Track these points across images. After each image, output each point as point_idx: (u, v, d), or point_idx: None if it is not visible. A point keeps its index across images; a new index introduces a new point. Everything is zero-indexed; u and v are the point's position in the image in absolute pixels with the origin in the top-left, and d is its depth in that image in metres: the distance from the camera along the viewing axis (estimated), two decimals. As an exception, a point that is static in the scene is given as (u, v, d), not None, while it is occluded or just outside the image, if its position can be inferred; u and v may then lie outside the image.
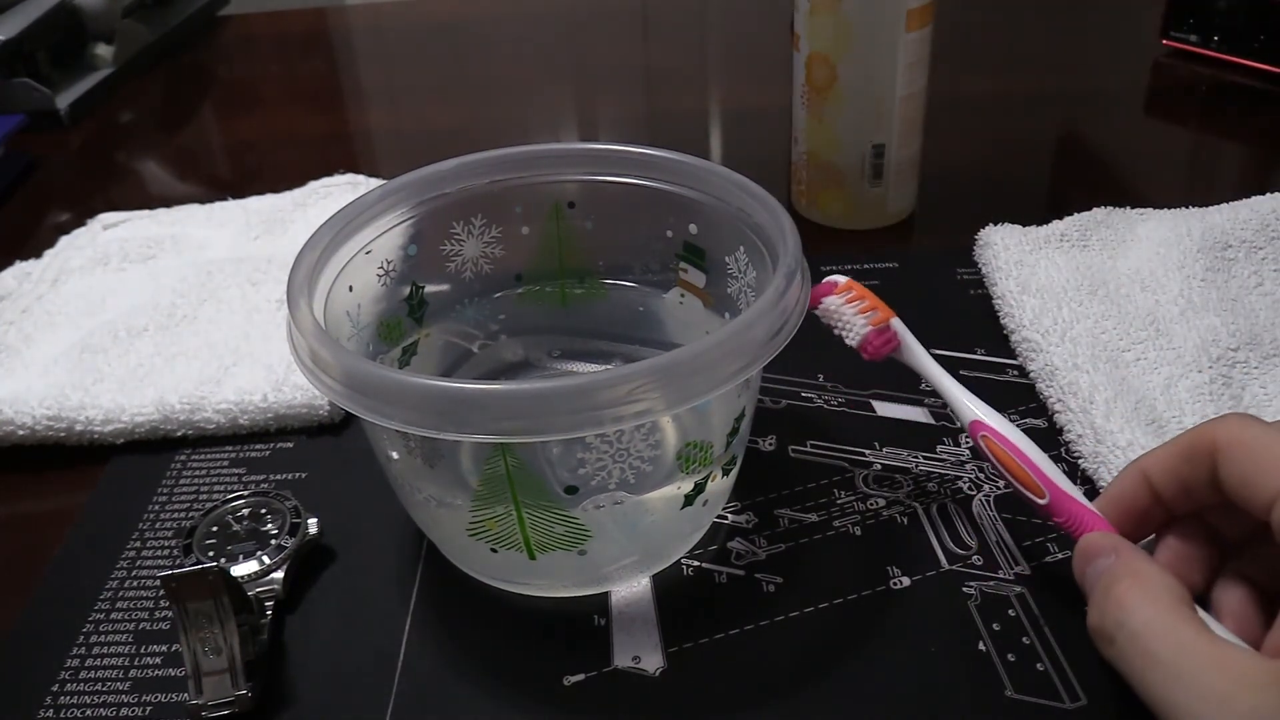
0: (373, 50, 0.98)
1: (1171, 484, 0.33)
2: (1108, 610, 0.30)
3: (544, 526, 0.34)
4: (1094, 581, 0.32)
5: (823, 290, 0.40)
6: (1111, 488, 0.35)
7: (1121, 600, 0.29)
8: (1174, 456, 0.33)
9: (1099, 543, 0.32)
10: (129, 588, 0.39)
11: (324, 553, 0.39)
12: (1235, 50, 0.74)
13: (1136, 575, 0.30)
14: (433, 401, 0.30)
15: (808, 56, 0.54)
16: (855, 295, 0.39)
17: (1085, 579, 0.32)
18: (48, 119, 0.78)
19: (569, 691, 0.34)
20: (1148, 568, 0.31)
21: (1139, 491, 0.34)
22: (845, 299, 0.39)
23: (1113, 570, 0.31)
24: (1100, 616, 0.30)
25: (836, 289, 0.40)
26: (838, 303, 0.40)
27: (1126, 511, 0.34)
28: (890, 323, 0.39)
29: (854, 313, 0.39)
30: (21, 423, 0.45)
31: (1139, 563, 0.31)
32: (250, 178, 0.70)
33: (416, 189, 0.40)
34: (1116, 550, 0.32)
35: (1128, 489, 0.34)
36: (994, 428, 0.36)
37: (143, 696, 0.35)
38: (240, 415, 0.45)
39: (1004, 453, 0.36)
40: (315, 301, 0.34)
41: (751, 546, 0.39)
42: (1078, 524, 0.34)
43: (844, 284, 0.40)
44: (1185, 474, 0.32)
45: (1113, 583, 0.30)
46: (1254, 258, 0.50)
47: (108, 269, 0.56)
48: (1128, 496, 0.34)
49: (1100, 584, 0.31)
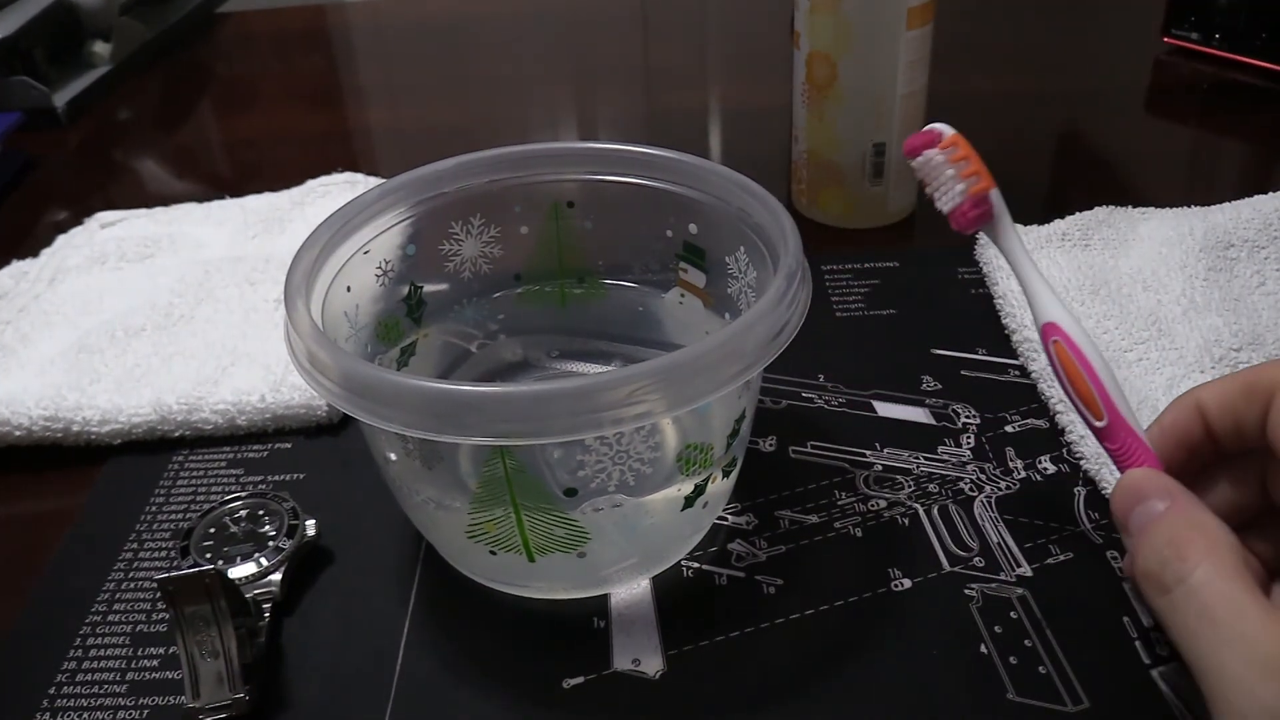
0: (372, 48, 0.98)
1: (1226, 419, 0.32)
2: (1169, 559, 0.28)
3: (543, 529, 0.33)
4: (1143, 524, 0.30)
5: (924, 139, 0.36)
6: (1164, 417, 0.33)
7: (1184, 552, 0.28)
8: (1232, 391, 0.32)
9: (1153, 483, 0.31)
10: (126, 590, 0.39)
11: (322, 554, 0.39)
12: (1237, 48, 0.74)
13: (1202, 529, 0.29)
14: (431, 403, 0.29)
15: (808, 55, 0.54)
16: (960, 154, 0.35)
17: (1131, 518, 0.31)
18: (45, 117, 0.78)
19: (568, 694, 0.34)
20: (1211, 521, 0.29)
21: (1192, 424, 0.32)
22: (949, 156, 0.35)
23: (1171, 518, 0.30)
24: (1159, 565, 0.29)
25: (941, 141, 0.36)
26: (940, 159, 0.35)
27: (1178, 443, 0.33)
28: (990, 194, 0.35)
29: (955, 174, 0.35)
30: (18, 423, 0.44)
31: (1202, 514, 0.30)
32: (248, 176, 0.69)
33: (415, 188, 0.40)
34: (1172, 495, 0.30)
35: (1181, 420, 0.33)
36: (1069, 335, 0.34)
37: (140, 699, 0.35)
38: (238, 416, 0.45)
39: (1072, 364, 0.34)
40: (313, 302, 0.34)
41: (752, 548, 0.39)
42: (1128, 455, 0.33)
43: (950, 137, 0.36)
44: (1241, 410, 0.31)
45: (1174, 532, 0.29)
46: (1256, 257, 0.50)
47: (105, 268, 0.56)
48: (1180, 427, 0.33)
49: (1158, 530, 0.29)
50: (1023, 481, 0.41)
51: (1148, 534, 0.30)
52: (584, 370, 0.44)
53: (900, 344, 0.48)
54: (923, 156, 0.36)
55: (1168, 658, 0.34)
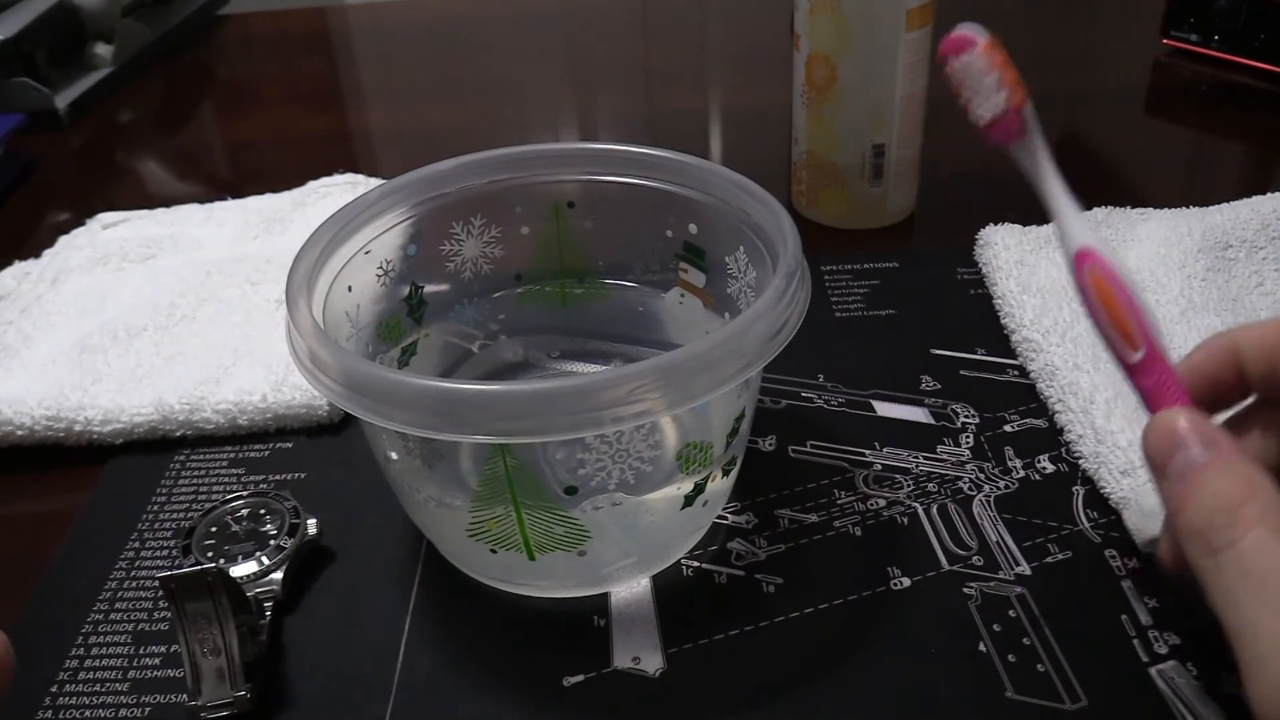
0: (372, 50, 0.98)
1: (1262, 363, 0.30)
2: (1218, 522, 0.27)
3: (543, 527, 0.34)
4: (1185, 472, 0.28)
5: (959, 43, 0.33)
6: (1195, 356, 0.32)
7: (1237, 516, 0.27)
8: (1272, 335, 0.30)
9: (1196, 427, 0.29)
10: (128, 588, 0.39)
11: (323, 553, 0.39)
12: (1235, 49, 0.74)
13: (1254, 488, 0.27)
14: (432, 402, 0.30)
15: (808, 56, 0.54)
16: (999, 60, 0.33)
17: (1171, 465, 0.29)
18: (47, 119, 0.78)
19: (569, 692, 0.34)
20: (1262, 480, 0.27)
21: (1225, 366, 0.31)
22: (989, 61, 0.33)
23: (1221, 473, 0.28)
24: (1207, 525, 0.27)
25: (979, 46, 0.33)
26: (981, 63, 0.33)
27: (1210, 384, 0.31)
28: (1028, 105, 0.33)
29: (996, 81, 0.33)
30: (20, 423, 0.44)
31: (1252, 470, 0.28)
32: (249, 178, 0.70)
33: (416, 189, 0.40)
34: (1216, 444, 0.28)
35: (1214, 360, 0.31)
36: (1104, 259, 0.31)
37: (141, 697, 0.35)
38: (239, 415, 0.45)
39: (1108, 291, 0.31)
40: (314, 301, 0.34)
41: (751, 547, 0.39)
42: (1161, 393, 0.30)
43: (985, 43, 0.33)
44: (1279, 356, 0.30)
45: (1226, 490, 0.27)
46: (1255, 257, 0.50)
47: (107, 269, 0.56)
48: (1213, 368, 0.31)
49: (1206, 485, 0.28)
50: (1021, 481, 0.41)
51: (1194, 488, 0.28)
52: (584, 370, 0.44)
53: (899, 344, 0.49)
54: (962, 60, 0.33)
55: (1166, 656, 0.34)
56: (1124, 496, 0.38)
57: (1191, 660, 0.33)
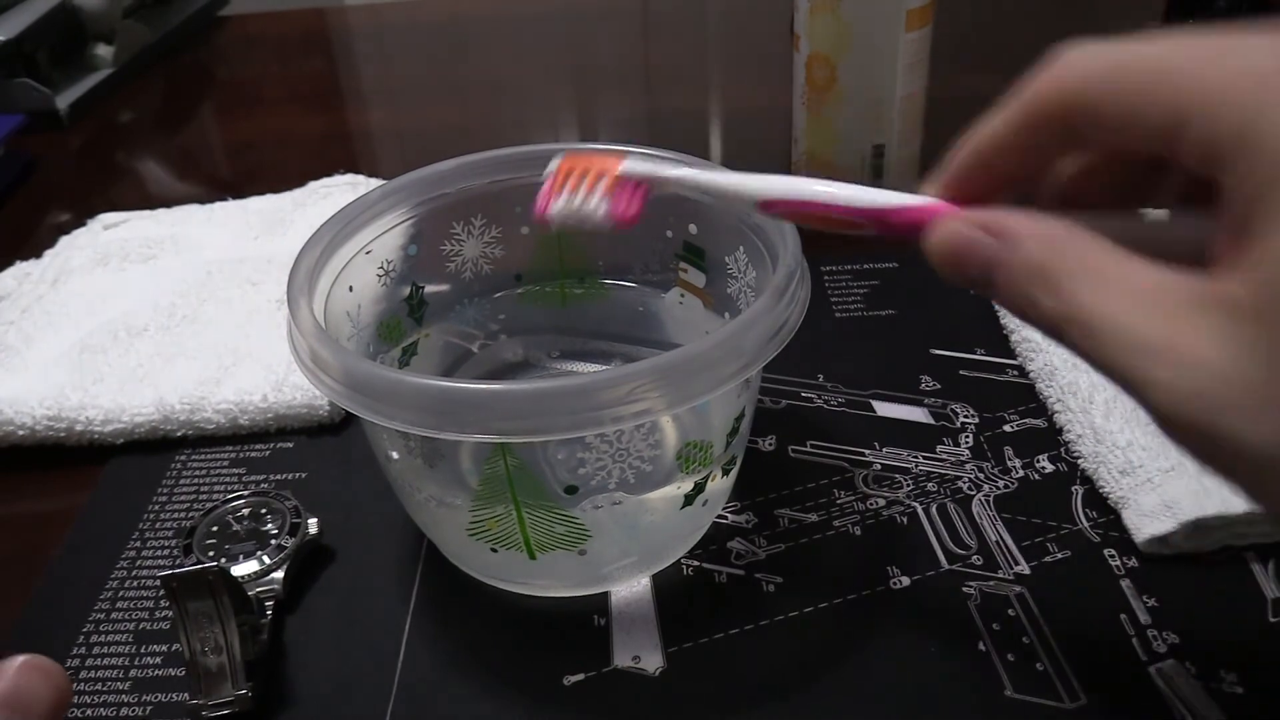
0: (372, 50, 0.98)
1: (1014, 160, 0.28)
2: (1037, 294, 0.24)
3: (544, 526, 0.34)
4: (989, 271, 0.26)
5: (542, 200, 0.33)
6: (942, 177, 0.29)
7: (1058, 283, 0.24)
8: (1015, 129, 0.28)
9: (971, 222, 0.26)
10: (129, 587, 0.39)
11: (324, 553, 0.39)
12: (1235, 50, 0.74)
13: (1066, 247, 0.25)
14: (433, 401, 0.30)
15: (808, 56, 0.54)
16: (574, 175, 0.32)
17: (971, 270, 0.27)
18: (48, 119, 0.78)
19: (569, 691, 0.34)
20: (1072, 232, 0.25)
21: (976, 175, 0.28)
22: (568, 192, 0.32)
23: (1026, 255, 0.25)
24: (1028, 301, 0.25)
25: (555, 183, 0.32)
26: (573, 204, 0.32)
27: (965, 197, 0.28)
28: (621, 169, 0.32)
29: (583, 198, 0.32)
30: (21, 423, 0.45)
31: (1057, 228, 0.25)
32: (250, 178, 0.70)
33: (416, 189, 0.40)
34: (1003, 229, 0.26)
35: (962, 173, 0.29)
36: (783, 197, 0.30)
37: (143, 696, 0.35)
38: (240, 415, 0.45)
39: (807, 214, 0.30)
40: (315, 301, 0.34)
41: (751, 546, 0.39)
42: (918, 223, 0.28)
43: (558, 167, 0.32)
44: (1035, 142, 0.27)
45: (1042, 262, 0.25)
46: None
47: (108, 269, 0.56)
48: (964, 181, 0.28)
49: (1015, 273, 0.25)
50: (1020, 480, 0.41)
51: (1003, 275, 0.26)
52: (584, 370, 0.44)
53: (899, 344, 0.49)
54: (560, 204, 0.32)
55: (1165, 654, 0.34)
56: (1123, 496, 0.38)
57: (1190, 659, 0.33)
